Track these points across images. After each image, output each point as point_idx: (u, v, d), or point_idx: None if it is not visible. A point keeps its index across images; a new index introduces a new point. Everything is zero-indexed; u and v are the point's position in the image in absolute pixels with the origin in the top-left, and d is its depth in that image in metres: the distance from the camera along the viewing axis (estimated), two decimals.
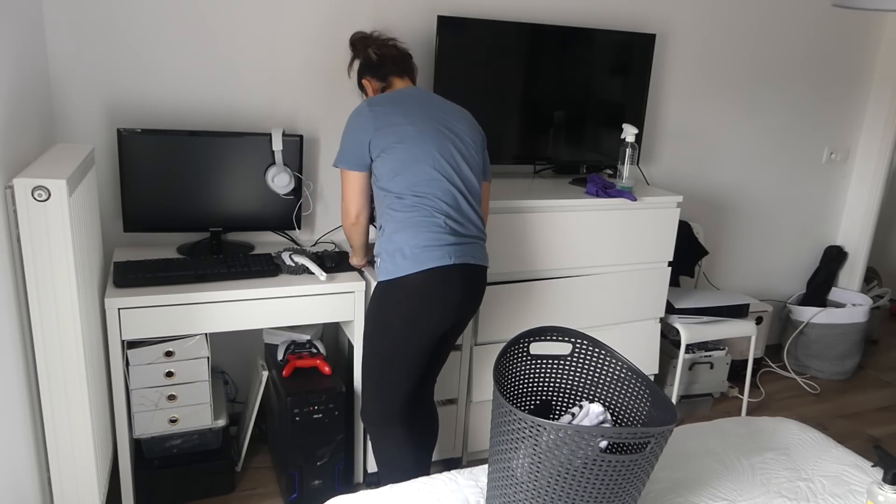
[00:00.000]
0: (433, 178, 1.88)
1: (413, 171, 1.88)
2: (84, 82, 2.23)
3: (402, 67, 2.08)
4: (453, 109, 2.02)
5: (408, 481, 1.62)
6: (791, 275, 3.81)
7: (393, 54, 2.08)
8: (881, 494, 1.44)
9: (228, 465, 2.31)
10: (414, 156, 1.88)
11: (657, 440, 1.29)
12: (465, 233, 1.91)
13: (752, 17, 3.20)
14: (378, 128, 1.89)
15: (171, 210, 2.30)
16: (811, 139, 3.58)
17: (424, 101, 1.98)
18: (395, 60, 2.07)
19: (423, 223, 1.86)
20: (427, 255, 1.84)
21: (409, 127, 1.90)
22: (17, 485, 1.62)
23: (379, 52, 2.08)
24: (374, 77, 2.09)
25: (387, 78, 2.07)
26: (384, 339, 1.93)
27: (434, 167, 1.88)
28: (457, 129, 1.97)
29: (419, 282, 1.85)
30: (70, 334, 1.67)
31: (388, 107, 1.92)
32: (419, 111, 1.93)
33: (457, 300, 1.89)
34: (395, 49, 2.10)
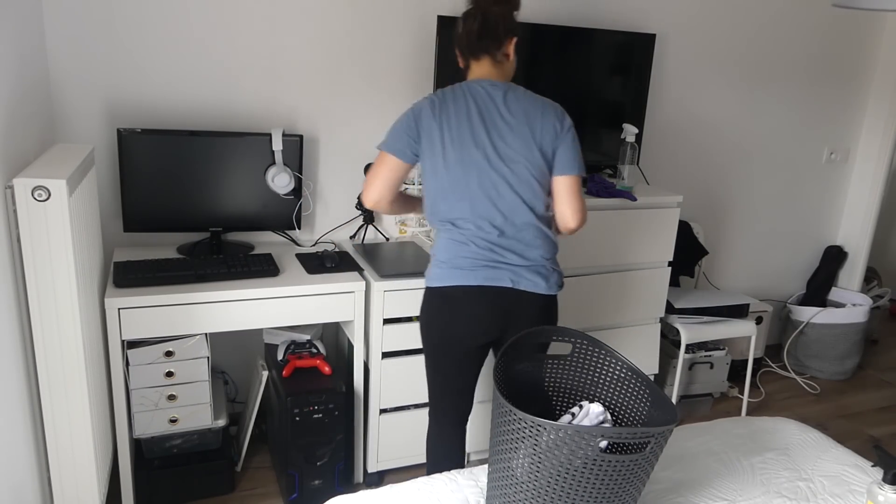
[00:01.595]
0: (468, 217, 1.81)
1: (449, 203, 1.82)
2: (84, 82, 2.24)
3: (474, 47, 1.83)
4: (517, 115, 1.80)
5: (408, 481, 1.62)
6: (791, 275, 3.81)
7: (471, 28, 1.81)
8: (881, 494, 1.44)
9: (228, 465, 2.31)
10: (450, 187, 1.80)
11: (657, 440, 1.29)
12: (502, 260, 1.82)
13: (752, 17, 3.20)
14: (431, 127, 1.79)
15: (171, 210, 2.30)
16: (811, 139, 3.58)
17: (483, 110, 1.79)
18: (469, 37, 1.83)
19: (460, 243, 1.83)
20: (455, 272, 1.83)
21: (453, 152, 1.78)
22: (17, 485, 1.62)
23: (464, 22, 1.84)
24: (460, 51, 1.88)
25: (468, 58, 1.87)
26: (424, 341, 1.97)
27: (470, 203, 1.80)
28: (506, 151, 1.79)
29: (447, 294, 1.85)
30: (70, 334, 1.67)
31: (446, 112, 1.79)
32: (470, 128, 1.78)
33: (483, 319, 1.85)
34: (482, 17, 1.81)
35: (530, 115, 1.81)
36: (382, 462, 2.43)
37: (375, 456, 2.41)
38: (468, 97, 1.81)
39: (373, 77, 2.58)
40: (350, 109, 2.59)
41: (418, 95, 2.65)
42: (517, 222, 1.82)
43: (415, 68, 2.63)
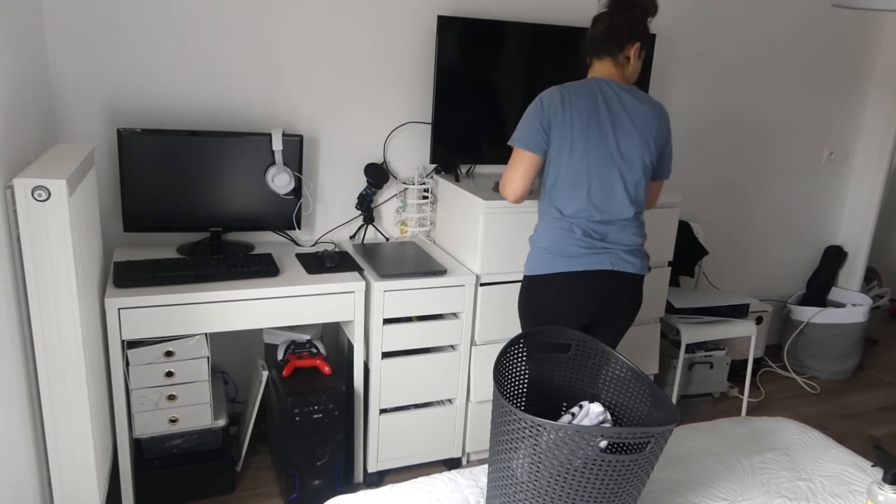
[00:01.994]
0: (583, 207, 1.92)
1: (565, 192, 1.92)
2: (84, 82, 2.24)
3: (599, 48, 1.95)
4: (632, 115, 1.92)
5: (408, 481, 1.62)
6: (791, 275, 3.81)
7: (597, 31, 1.94)
8: (881, 494, 1.44)
9: (228, 465, 2.31)
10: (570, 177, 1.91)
11: (657, 440, 1.29)
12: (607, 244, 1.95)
13: (752, 17, 3.20)
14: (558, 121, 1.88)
15: (171, 210, 2.30)
16: (811, 139, 3.58)
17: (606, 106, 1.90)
18: (594, 38, 1.95)
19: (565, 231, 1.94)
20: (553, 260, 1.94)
21: (578, 142, 1.89)
22: (17, 485, 1.62)
23: (593, 24, 1.95)
24: (591, 49, 1.97)
25: (591, 57, 1.99)
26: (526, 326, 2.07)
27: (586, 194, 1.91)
28: (629, 150, 1.92)
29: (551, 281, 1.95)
30: (70, 334, 1.67)
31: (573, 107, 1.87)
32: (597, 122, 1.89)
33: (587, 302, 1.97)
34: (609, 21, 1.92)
35: (649, 119, 1.95)
36: (382, 462, 2.43)
37: (375, 456, 2.41)
38: (597, 93, 1.91)
39: (373, 77, 2.59)
40: (350, 110, 2.59)
41: (418, 95, 2.65)
42: (623, 216, 1.96)
43: (415, 68, 2.63)
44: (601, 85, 1.93)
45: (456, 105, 2.57)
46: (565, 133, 1.89)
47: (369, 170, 2.60)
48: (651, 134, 1.95)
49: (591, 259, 1.94)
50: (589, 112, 1.89)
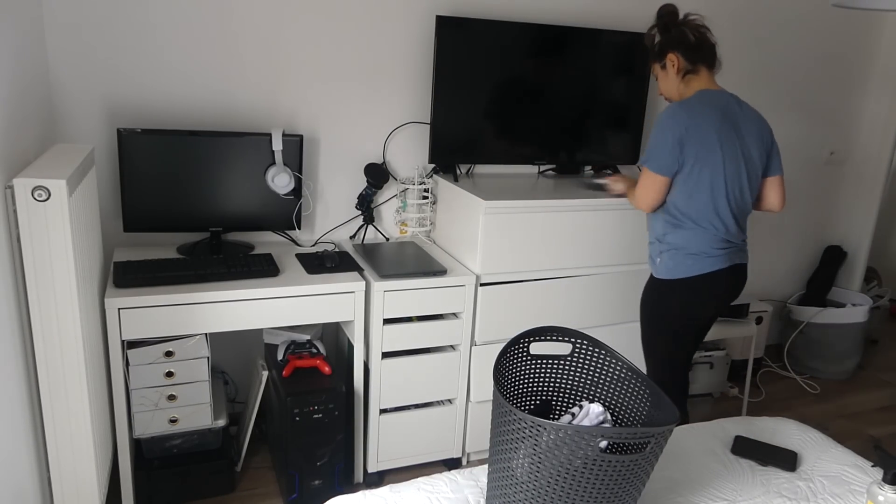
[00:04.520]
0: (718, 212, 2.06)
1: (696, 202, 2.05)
2: (84, 82, 2.24)
3: (711, 60, 2.11)
4: (747, 121, 2.07)
5: (408, 481, 1.62)
6: (791, 275, 3.81)
7: (708, 45, 2.09)
8: (881, 494, 1.44)
9: (228, 465, 2.31)
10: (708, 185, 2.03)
11: (657, 440, 1.29)
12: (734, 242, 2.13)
13: (752, 17, 3.20)
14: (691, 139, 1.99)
15: (171, 210, 2.30)
16: (811, 139, 3.58)
17: (728, 117, 2.04)
18: (709, 50, 2.09)
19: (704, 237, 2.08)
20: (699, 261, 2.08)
21: (716, 155, 2.01)
22: (17, 485, 1.62)
23: (697, 35, 2.09)
24: (685, 57, 2.10)
25: (696, 64, 2.10)
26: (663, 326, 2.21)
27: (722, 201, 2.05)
28: (751, 151, 2.07)
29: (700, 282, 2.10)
30: (70, 334, 1.67)
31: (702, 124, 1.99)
32: (725, 132, 2.02)
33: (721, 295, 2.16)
34: (710, 40, 2.10)
35: (758, 122, 2.10)
36: (382, 462, 2.43)
37: (375, 456, 2.41)
38: (714, 105, 2.04)
39: (373, 77, 2.59)
40: (350, 110, 2.59)
41: (418, 95, 2.65)
42: (744, 218, 2.15)
43: (414, 68, 2.63)
44: (716, 98, 2.06)
45: (455, 105, 2.57)
46: (693, 154, 2.00)
47: (369, 170, 2.60)
48: (763, 139, 2.11)
49: (729, 255, 2.11)
50: (715, 115, 2.01)
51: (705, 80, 2.11)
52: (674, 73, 2.13)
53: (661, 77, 2.19)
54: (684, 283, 2.11)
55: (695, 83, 2.11)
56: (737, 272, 2.15)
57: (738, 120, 2.06)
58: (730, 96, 2.09)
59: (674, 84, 2.15)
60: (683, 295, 2.13)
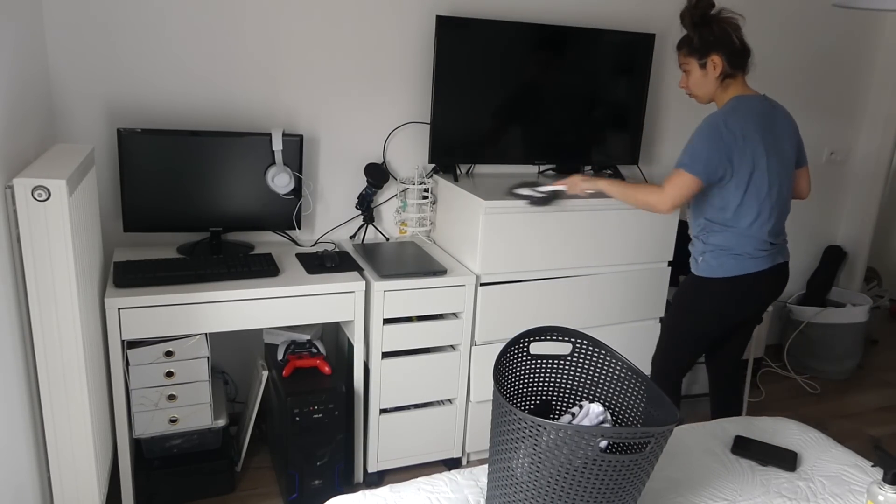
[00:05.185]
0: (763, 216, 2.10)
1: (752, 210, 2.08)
2: (84, 82, 2.24)
3: (747, 64, 2.11)
4: (781, 121, 2.11)
5: (407, 481, 1.62)
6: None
7: (747, 48, 2.09)
8: (881, 494, 1.44)
9: (228, 465, 2.31)
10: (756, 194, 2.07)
11: (657, 440, 1.29)
12: (776, 242, 2.18)
13: (751, 17, 3.20)
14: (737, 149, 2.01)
15: (171, 210, 2.30)
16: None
17: (766, 121, 2.07)
18: (748, 55, 2.10)
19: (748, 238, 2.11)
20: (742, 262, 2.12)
21: (761, 162, 2.04)
22: (17, 485, 1.62)
23: (740, 38, 2.07)
24: (729, 62, 2.07)
25: (737, 70, 2.09)
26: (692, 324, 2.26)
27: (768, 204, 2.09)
28: (787, 151, 2.12)
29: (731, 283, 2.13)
30: (70, 334, 1.67)
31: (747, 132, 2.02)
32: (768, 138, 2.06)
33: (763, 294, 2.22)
34: (746, 43, 2.10)
35: (789, 121, 2.15)
36: (382, 462, 2.43)
37: (375, 456, 2.41)
38: (755, 114, 2.06)
39: (373, 77, 2.59)
40: (350, 109, 2.59)
41: (418, 95, 2.65)
42: (783, 218, 2.19)
43: (414, 68, 2.63)
44: (753, 105, 2.08)
45: (454, 105, 2.57)
46: (738, 163, 2.02)
47: (369, 170, 2.60)
48: (794, 137, 2.16)
49: (772, 256, 2.16)
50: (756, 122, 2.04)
51: (741, 85, 2.11)
52: (714, 75, 2.09)
53: (696, 74, 2.12)
54: (725, 283, 2.14)
55: (732, 89, 2.10)
56: (779, 271, 2.20)
57: (774, 122, 2.10)
58: (762, 99, 2.11)
59: (711, 87, 2.12)
60: (722, 294, 2.16)
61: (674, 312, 2.31)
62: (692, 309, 2.25)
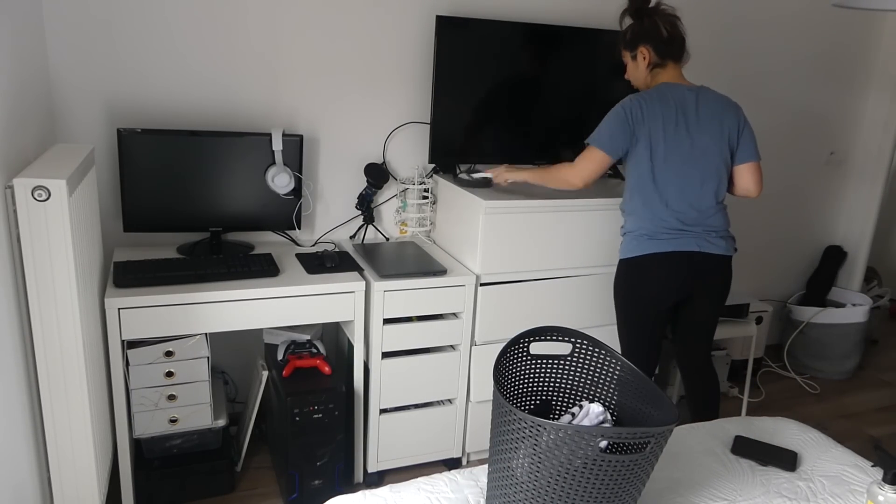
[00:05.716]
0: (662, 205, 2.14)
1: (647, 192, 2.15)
2: (84, 82, 2.24)
3: (680, 53, 2.18)
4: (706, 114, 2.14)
5: (407, 481, 1.62)
6: (791, 275, 3.81)
7: (679, 39, 2.16)
8: (881, 494, 1.44)
9: (228, 465, 2.31)
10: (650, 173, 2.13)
11: (657, 440, 1.29)
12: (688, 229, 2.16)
13: (751, 16, 3.20)
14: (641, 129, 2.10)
15: (171, 210, 2.30)
16: (811, 139, 3.58)
17: (682, 110, 2.12)
18: (679, 45, 2.16)
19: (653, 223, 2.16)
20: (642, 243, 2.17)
21: (659, 150, 2.11)
22: (17, 485, 1.62)
23: (670, 30, 2.14)
24: (655, 51, 2.17)
25: (665, 59, 2.17)
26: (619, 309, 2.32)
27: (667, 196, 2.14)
28: (707, 146, 2.14)
29: (643, 262, 2.19)
30: (70, 334, 1.67)
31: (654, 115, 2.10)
32: (673, 127, 2.11)
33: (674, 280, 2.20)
34: (681, 34, 2.16)
35: (719, 114, 2.15)
36: (382, 462, 2.43)
37: (375, 456, 2.41)
38: (669, 99, 2.12)
39: (373, 77, 2.59)
40: (350, 109, 2.59)
41: (418, 95, 2.66)
42: (702, 208, 2.16)
43: (414, 68, 2.63)
44: (674, 91, 2.14)
45: (454, 105, 2.57)
46: (645, 139, 2.11)
47: (369, 170, 2.60)
48: (723, 128, 2.15)
49: (677, 241, 2.15)
50: (667, 118, 2.11)
51: (671, 73, 2.18)
52: (643, 65, 2.20)
53: (630, 65, 2.26)
54: (631, 263, 2.22)
55: (661, 76, 2.19)
56: (692, 259, 2.18)
57: (695, 114, 2.13)
58: (689, 90, 2.15)
59: (642, 75, 2.23)
60: (632, 274, 2.23)
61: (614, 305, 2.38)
62: (616, 294, 2.33)
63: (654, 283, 2.21)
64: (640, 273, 2.21)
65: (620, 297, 2.31)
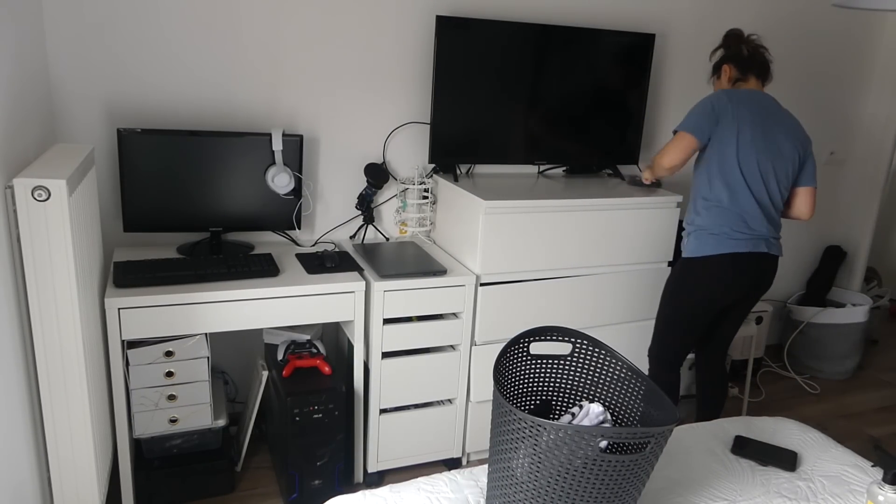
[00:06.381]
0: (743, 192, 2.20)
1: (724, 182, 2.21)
2: (84, 82, 2.24)
3: (762, 72, 2.31)
4: (785, 122, 2.25)
5: (408, 481, 1.62)
6: (791, 275, 3.81)
7: (760, 59, 2.31)
8: (881, 494, 1.44)
9: (228, 465, 2.31)
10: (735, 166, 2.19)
11: (657, 440, 1.29)
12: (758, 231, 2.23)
13: (751, 16, 3.20)
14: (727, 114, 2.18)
15: (171, 210, 2.30)
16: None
17: (766, 111, 2.23)
18: (760, 64, 2.31)
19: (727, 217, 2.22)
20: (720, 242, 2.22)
21: (746, 134, 2.18)
22: (17, 485, 1.62)
23: (750, 50, 2.31)
24: (736, 67, 2.31)
25: (746, 73, 2.31)
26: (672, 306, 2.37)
27: (748, 181, 2.20)
28: (783, 146, 2.22)
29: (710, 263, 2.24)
30: (70, 334, 1.67)
31: (740, 104, 2.19)
32: (760, 120, 2.20)
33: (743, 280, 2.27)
34: (763, 56, 2.31)
35: (795, 128, 2.27)
36: (382, 462, 2.43)
37: (375, 456, 2.41)
38: (754, 99, 2.23)
39: (373, 77, 2.59)
40: (350, 110, 2.59)
41: (418, 95, 2.66)
42: (772, 208, 2.25)
43: (414, 68, 2.63)
44: (758, 95, 2.25)
45: (455, 105, 2.57)
46: (729, 129, 2.18)
47: (369, 170, 2.60)
48: (797, 141, 2.26)
49: (750, 242, 2.22)
50: (753, 114, 2.19)
51: (753, 86, 2.31)
52: (725, 80, 2.33)
53: (715, 85, 2.39)
54: (704, 262, 2.25)
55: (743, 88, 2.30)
56: (760, 260, 2.26)
57: (776, 118, 2.23)
58: (772, 99, 2.27)
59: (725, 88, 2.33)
60: (702, 273, 2.27)
61: (663, 297, 2.42)
62: (676, 291, 2.35)
63: (728, 283, 2.26)
64: (714, 272, 2.25)
65: (680, 295, 2.34)
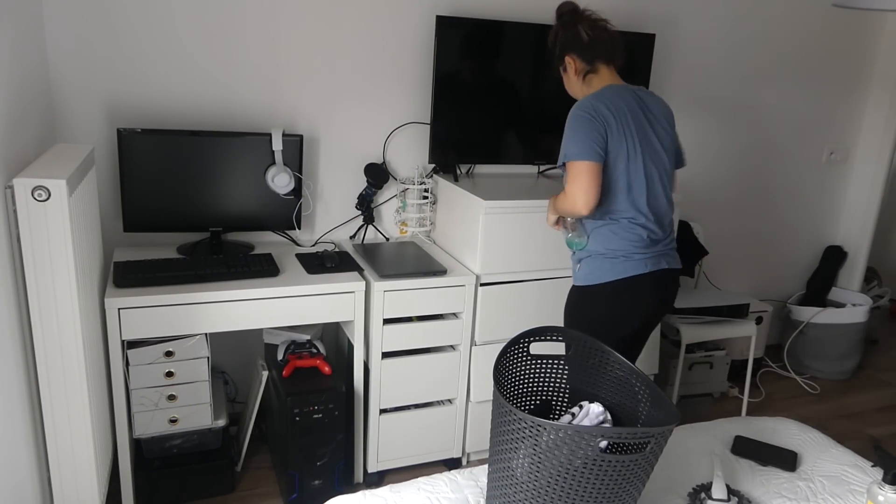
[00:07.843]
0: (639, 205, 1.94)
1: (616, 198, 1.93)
2: (84, 82, 2.24)
3: (610, 54, 2.02)
4: (654, 110, 2.00)
5: (408, 481, 1.62)
6: (791, 275, 3.81)
7: (603, 38, 2.00)
8: (881, 494, 1.44)
9: (228, 465, 2.31)
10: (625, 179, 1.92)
11: (657, 440, 1.29)
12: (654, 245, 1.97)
13: (751, 16, 3.20)
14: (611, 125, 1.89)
15: (171, 210, 2.30)
16: (811, 139, 3.58)
17: (636, 108, 1.96)
18: (605, 46, 2.00)
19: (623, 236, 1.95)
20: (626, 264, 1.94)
21: (625, 143, 1.91)
22: (17, 485, 1.62)
23: (591, 33, 2.00)
24: (581, 58, 2.02)
25: (594, 62, 2.01)
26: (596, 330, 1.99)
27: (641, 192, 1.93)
28: (663, 140, 2.00)
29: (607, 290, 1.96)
30: (70, 334, 1.67)
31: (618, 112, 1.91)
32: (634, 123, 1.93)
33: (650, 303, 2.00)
34: (606, 32, 2.01)
35: (666, 113, 2.04)
36: (382, 462, 2.43)
37: (375, 456, 2.41)
38: (620, 100, 1.94)
39: (373, 77, 2.59)
40: (350, 109, 2.59)
41: (418, 95, 2.65)
42: (662, 212, 2.00)
43: (414, 68, 2.63)
44: (620, 92, 1.96)
45: (455, 105, 2.57)
46: (618, 138, 1.90)
47: (369, 170, 2.60)
48: (670, 127, 2.04)
49: (652, 261, 1.97)
50: (627, 119, 1.92)
51: (606, 76, 2.02)
52: (573, 74, 2.05)
53: (564, 79, 2.10)
54: (605, 289, 1.97)
55: (596, 82, 2.02)
56: (665, 278, 2.00)
57: (646, 112, 1.98)
58: (632, 90, 2.00)
59: (576, 86, 2.07)
60: (606, 301, 1.98)
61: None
62: (580, 324, 2.05)
63: (637, 309, 1.99)
64: (619, 298, 1.97)
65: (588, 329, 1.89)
